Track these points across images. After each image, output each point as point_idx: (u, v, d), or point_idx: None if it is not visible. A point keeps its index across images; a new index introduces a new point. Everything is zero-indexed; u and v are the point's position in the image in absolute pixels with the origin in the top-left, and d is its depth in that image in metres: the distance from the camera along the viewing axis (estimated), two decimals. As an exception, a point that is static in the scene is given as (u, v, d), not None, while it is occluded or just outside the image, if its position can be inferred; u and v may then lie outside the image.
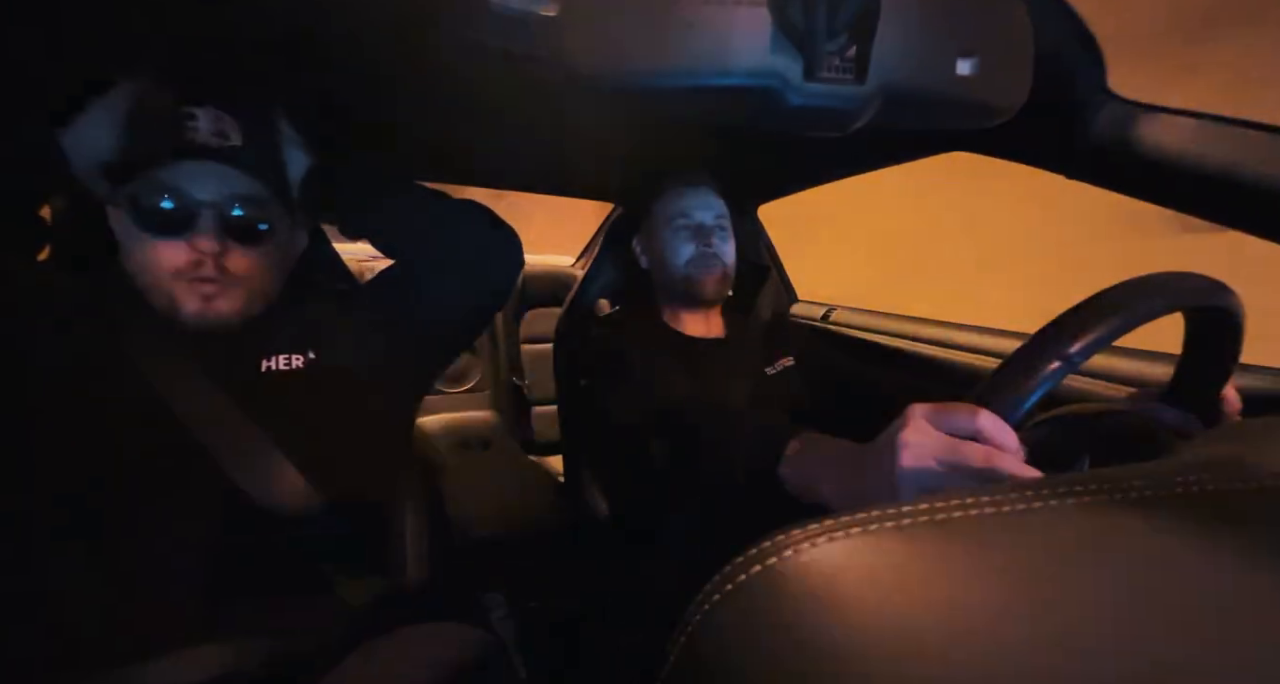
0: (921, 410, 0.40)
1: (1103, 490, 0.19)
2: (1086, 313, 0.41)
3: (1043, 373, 0.40)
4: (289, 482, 0.61)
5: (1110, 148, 0.55)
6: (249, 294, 0.64)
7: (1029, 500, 0.18)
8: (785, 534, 0.18)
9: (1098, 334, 0.40)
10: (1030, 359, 0.41)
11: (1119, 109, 0.54)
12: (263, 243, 0.63)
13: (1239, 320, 0.44)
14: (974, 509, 0.18)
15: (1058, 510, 0.18)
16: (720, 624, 0.17)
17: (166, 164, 0.58)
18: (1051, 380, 0.40)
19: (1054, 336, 0.41)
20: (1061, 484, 0.19)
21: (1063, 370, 0.40)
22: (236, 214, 0.60)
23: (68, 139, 0.57)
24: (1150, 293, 0.40)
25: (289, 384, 0.65)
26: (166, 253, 0.58)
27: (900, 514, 0.18)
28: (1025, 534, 0.17)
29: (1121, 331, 0.40)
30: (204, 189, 0.59)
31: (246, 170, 0.60)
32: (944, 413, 0.39)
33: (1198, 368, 0.49)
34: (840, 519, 0.18)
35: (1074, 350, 0.40)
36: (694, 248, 0.93)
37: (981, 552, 0.17)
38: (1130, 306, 0.40)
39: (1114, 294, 0.41)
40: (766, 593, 0.17)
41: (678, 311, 1.00)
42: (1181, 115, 0.51)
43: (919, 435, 0.39)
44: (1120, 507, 0.18)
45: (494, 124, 0.83)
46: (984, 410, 0.38)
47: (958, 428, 0.39)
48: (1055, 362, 0.40)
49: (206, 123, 0.59)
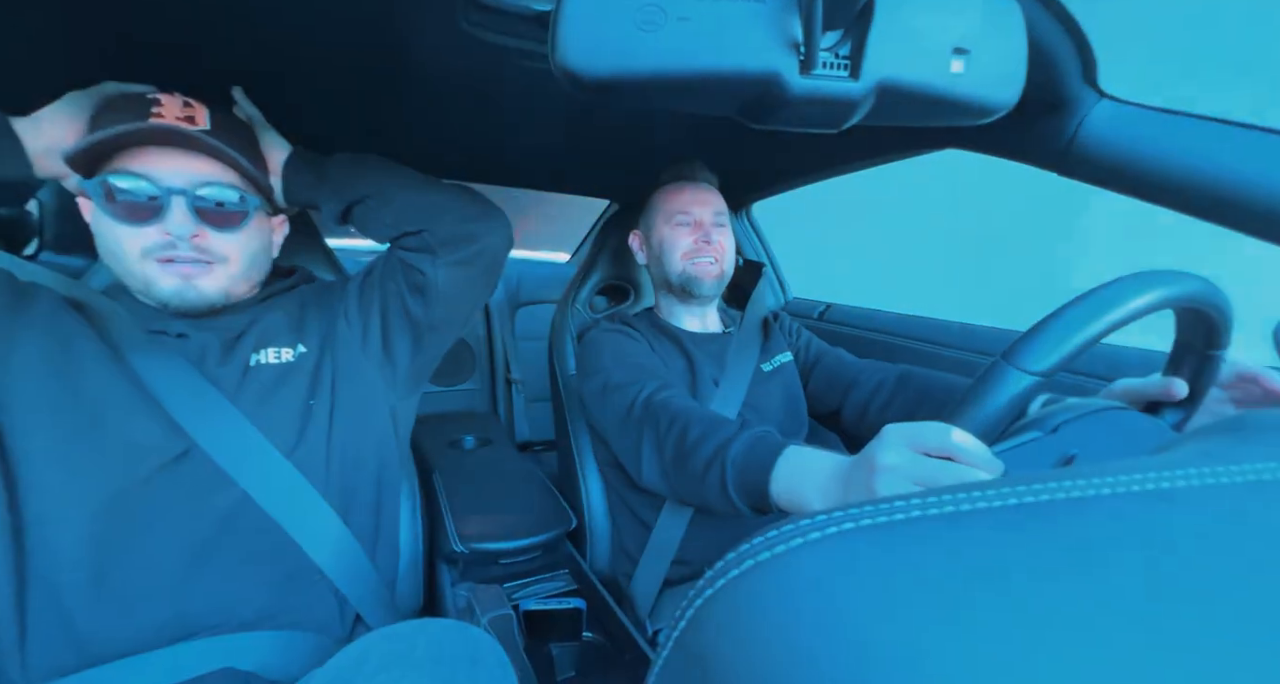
0: (896, 431, 0.42)
1: (1086, 486, 0.19)
2: (1053, 328, 0.41)
3: (1013, 390, 0.41)
4: (282, 477, 0.60)
5: (1103, 146, 0.55)
6: (230, 276, 0.63)
7: (1020, 495, 0.18)
8: (778, 530, 0.18)
9: (1063, 351, 0.40)
10: (1000, 376, 0.41)
11: (1112, 108, 0.55)
12: (238, 227, 0.62)
13: (1218, 310, 0.44)
14: (949, 506, 0.18)
15: (1040, 507, 0.18)
16: (709, 623, 0.17)
17: (134, 151, 0.57)
18: (1022, 395, 0.41)
19: (1024, 350, 0.41)
20: (1036, 480, 0.19)
21: (1032, 385, 0.40)
22: (207, 199, 0.59)
23: (26, 127, 0.56)
24: (1121, 299, 0.41)
25: (277, 378, 0.64)
26: (138, 238, 0.57)
27: (876, 511, 0.18)
28: (996, 532, 0.17)
29: (1089, 345, 0.40)
30: (173, 175, 0.57)
31: (216, 155, 0.59)
32: (918, 433, 0.40)
33: (1188, 353, 0.49)
34: (825, 516, 0.18)
35: (1042, 368, 0.40)
36: (691, 243, 0.93)
37: (958, 548, 0.17)
38: (1102, 316, 0.40)
39: (1086, 304, 0.41)
40: (753, 591, 0.17)
41: (675, 307, 1.00)
42: (1175, 114, 0.52)
43: (894, 457, 0.40)
44: (1096, 503, 0.18)
45: (487, 121, 0.82)
46: (956, 429, 0.39)
47: (931, 447, 0.40)
48: (1025, 378, 0.40)
49: (173, 108, 0.58)
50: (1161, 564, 0.16)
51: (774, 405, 0.94)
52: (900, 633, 0.15)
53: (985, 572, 0.16)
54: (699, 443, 0.64)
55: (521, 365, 1.93)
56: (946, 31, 0.37)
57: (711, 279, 0.94)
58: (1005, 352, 0.42)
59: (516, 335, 1.96)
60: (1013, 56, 0.40)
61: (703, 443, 0.63)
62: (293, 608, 0.60)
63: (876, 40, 0.35)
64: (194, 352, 0.61)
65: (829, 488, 0.47)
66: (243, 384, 0.62)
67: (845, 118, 0.39)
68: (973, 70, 0.38)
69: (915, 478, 0.39)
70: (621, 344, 0.89)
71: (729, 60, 0.34)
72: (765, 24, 0.34)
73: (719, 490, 0.59)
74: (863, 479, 0.42)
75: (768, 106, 0.37)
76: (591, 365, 0.92)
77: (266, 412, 0.62)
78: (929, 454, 0.39)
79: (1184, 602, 0.15)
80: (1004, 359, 0.42)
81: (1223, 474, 0.20)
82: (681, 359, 0.93)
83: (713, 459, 0.61)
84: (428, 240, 0.69)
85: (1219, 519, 0.18)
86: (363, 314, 0.72)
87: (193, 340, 0.62)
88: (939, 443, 0.39)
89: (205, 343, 0.62)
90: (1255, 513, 0.19)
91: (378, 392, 0.73)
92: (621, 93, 0.34)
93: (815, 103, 0.37)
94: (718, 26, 0.33)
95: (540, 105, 0.75)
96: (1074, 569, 0.15)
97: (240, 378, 0.62)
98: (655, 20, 0.32)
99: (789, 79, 0.35)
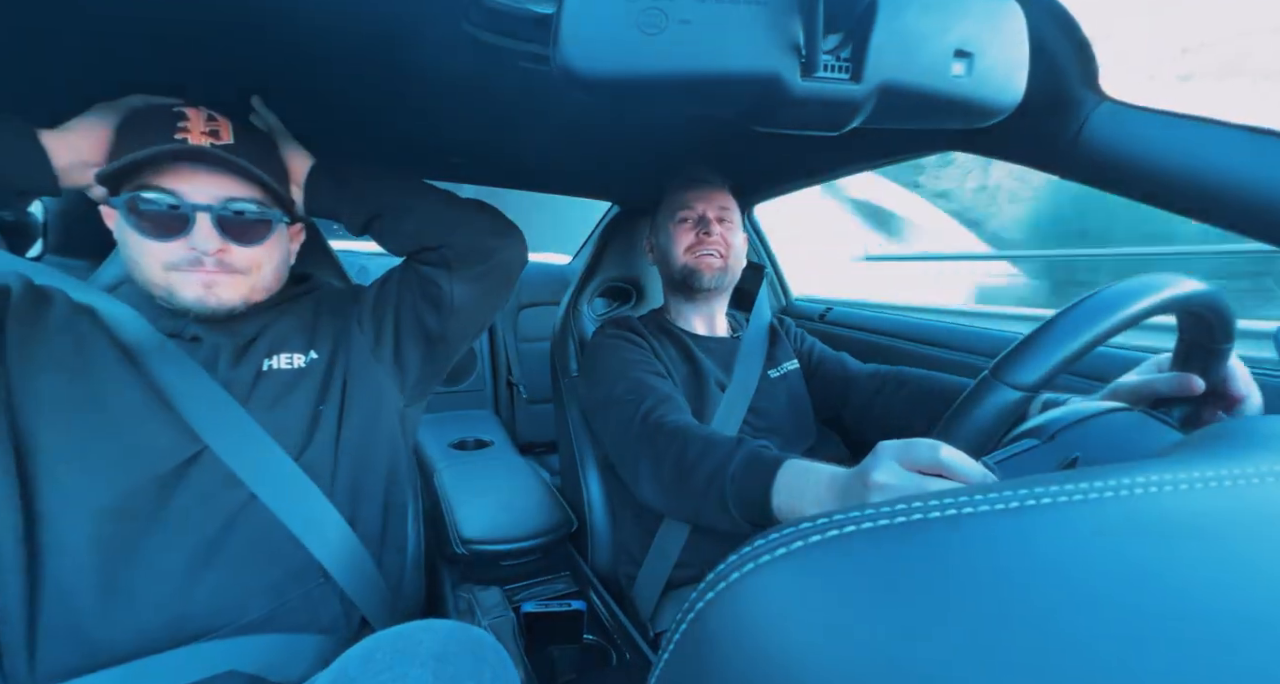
0: (889, 449, 0.43)
1: (1082, 491, 0.19)
2: (1040, 342, 0.41)
3: (1000, 405, 0.41)
4: (289, 480, 0.61)
5: (1104, 148, 0.55)
6: (251, 286, 0.64)
7: (1021, 499, 0.18)
8: (779, 533, 0.18)
9: (1050, 364, 0.40)
10: (988, 391, 0.42)
11: (1114, 109, 0.55)
12: (261, 240, 0.63)
13: (1216, 304, 0.44)
14: (950, 510, 0.18)
15: (1043, 510, 0.18)
16: (710, 626, 0.17)
17: (160, 167, 0.58)
18: (1011, 409, 0.41)
19: (1009, 367, 0.41)
20: (1023, 486, 0.19)
21: (1020, 400, 0.41)
22: (233, 214, 0.60)
23: (54, 139, 0.57)
24: (1108, 310, 0.41)
25: (289, 383, 0.65)
26: (163, 252, 0.58)
27: (878, 514, 0.18)
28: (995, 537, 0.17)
29: (1077, 358, 0.40)
30: (199, 191, 0.58)
31: (241, 170, 0.60)
32: (908, 450, 0.42)
33: (1194, 348, 0.49)
34: (826, 519, 0.18)
35: (1030, 381, 0.40)
36: (693, 237, 0.93)
37: (947, 555, 0.17)
38: (1090, 329, 0.40)
39: (1066, 321, 0.41)
40: (753, 595, 0.17)
41: (682, 307, 1.00)
42: (1176, 117, 0.52)
43: (887, 475, 0.41)
44: (1097, 507, 0.18)
45: (489, 123, 0.82)
46: (945, 446, 0.40)
47: (922, 464, 0.41)
48: (1013, 393, 0.41)
49: (198, 123, 0.59)
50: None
51: (780, 412, 0.94)
52: (904, 635, 0.15)
53: (986, 574, 0.16)
54: (698, 461, 0.64)
55: (523, 367, 1.94)
56: (948, 34, 0.37)
57: (712, 271, 0.93)
58: (994, 367, 0.42)
59: (519, 337, 1.96)
60: (1014, 59, 0.40)
61: (701, 461, 0.63)
62: (298, 610, 0.60)
63: (878, 43, 0.35)
64: (207, 355, 0.62)
65: (826, 501, 0.48)
66: (254, 389, 0.63)
67: (846, 120, 0.39)
68: (974, 73, 0.38)
69: (907, 494, 0.39)
70: (624, 353, 0.89)
71: (730, 63, 0.34)
72: (766, 26, 0.34)
73: (719, 507, 0.60)
74: (858, 494, 0.43)
75: (769, 108, 0.37)
76: (594, 375, 0.92)
77: (276, 416, 0.62)
78: (921, 471, 0.40)
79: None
80: (992, 375, 0.42)
81: (1226, 479, 0.20)
82: (686, 364, 0.93)
83: (712, 476, 0.61)
84: (445, 255, 0.70)
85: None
86: (376, 322, 0.73)
87: (205, 343, 0.62)
88: (929, 459, 0.40)
89: (218, 346, 0.63)
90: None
91: (387, 396, 0.73)
92: (623, 95, 0.34)
93: (816, 105, 0.37)
94: (719, 29, 0.33)
95: (542, 107, 0.75)
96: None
97: (252, 382, 0.63)
98: (657, 23, 0.32)
99: (790, 81, 0.35)
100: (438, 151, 0.98)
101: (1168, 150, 0.51)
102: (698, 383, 0.91)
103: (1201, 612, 0.15)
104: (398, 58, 0.61)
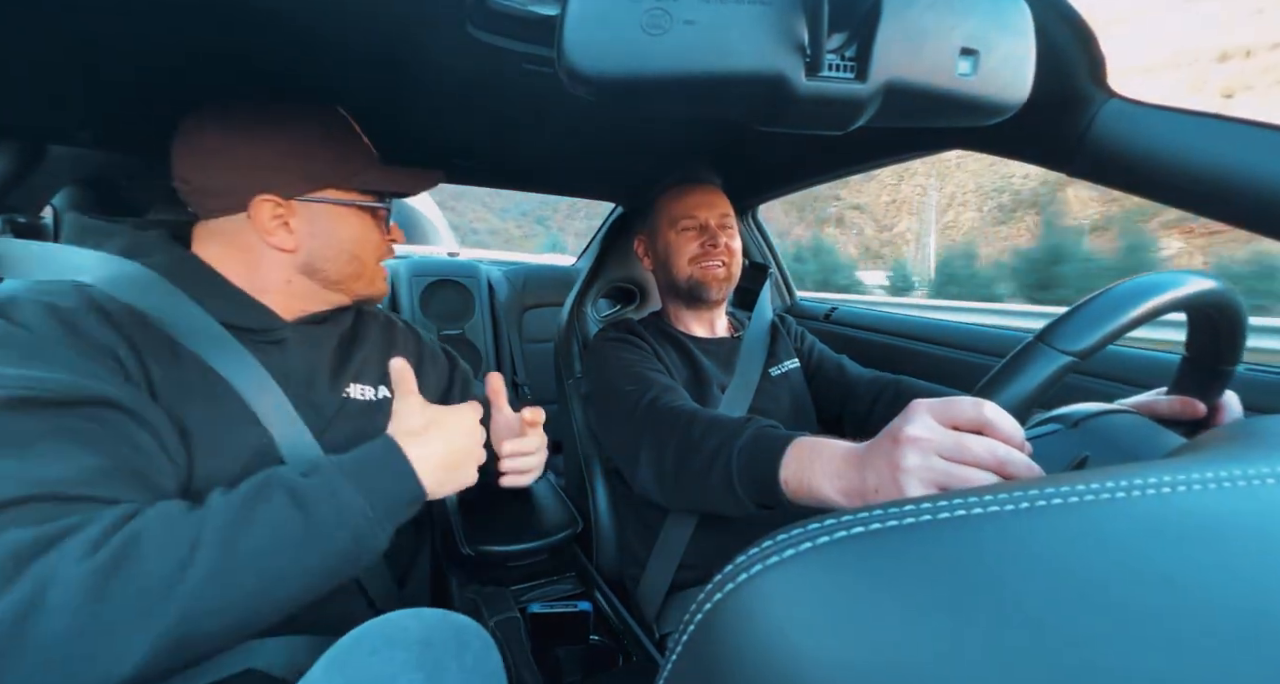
0: (925, 405, 0.40)
1: (1104, 490, 0.18)
2: (1092, 309, 0.41)
3: (1047, 368, 0.40)
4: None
5: (1111, 146, 0.55)
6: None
7: (1032, 499, 0.18)
8: (786, 534, 0.18)
9: (1102, 332, 0.40)
10: (1035, 354, 0.41)
11: (1122, 107, 0.54)
12: None
13: (1241, 320, 0.44)
14: (960, 510, 0.18)
15: (1055, 510, 0.18)
16: (717, 628, 0.17)
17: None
18: (1056, 375, 0.40)
19: (1059, 332, 0.41)
20: (1049, 484, 0.19)
21: (1066, 365, 0.40)
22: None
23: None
24: (1154, 291, 0.41)
25: (363, 413, 0.67)
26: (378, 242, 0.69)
27: (886, 515, 0.18)
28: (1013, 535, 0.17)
29: (1125, 330, 0.40)
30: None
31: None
32: (948, 406, 0.39)
33: (1200, 368, 0.49)
34: (835, 520, 0.18)
35: (1080, 347, 0.40)
36: (698, 248, 0.92)
37: (957, 556, 0.17)
38: (1133, 304, 0.40)
39: (1118, 292, 0.41)
40: (761, 597, 0.17)
41: (681, 312, 1.00)
42: (1183, 114, 0.51)
43: (923, 430, 0.39)
44: (1112, 507, 0.18)
45: (494, 124, 0.83)
46: (988, 402, 0.39)
47: (962, 420, 0.39)
48: (1061, 357, 0.40)
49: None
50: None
51: (781, 410, 0.93)
52: (915, 637, 0.15)
53: (997, 575, 0.16)
54: (702, 439, 0.63)
55: (528, 368, 1.94)
56: (954, 32, 0.37)
57: (719, 284, 0.93)
58: (1041, 332, 0.42)
59: (524, 337, 1.96)
60: (1021, 56, 0.39)
61: (706, 438, 0.62)
62: (327, 615, 0.59)
63: (883, 42, 0.35)
64: (294, 376, 0.61)
65: (843, 471, 0.46)
66: (333, 412, 0.64)
67: (852, 119, 0.39)
68: (981, 71, 0.38)
69: (945, 451, 0.38)
70: (626, 355, 0.89)
71: (735, 63, 0.34)
72: (771, 26, 0.34)
73: (724, 486, 0.59)
74: (884, 454, 0.41)
75: (774, 109, 0.37)
76: (595, 375, 0.92)
77: (346, 442, 0.60)
78: (959, 428, 0.39)
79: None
80: (1039, 340, 0.41)
81: (1225, 479, 0.20)
82: (688, 368, 0.93)
83: (717, 453, 0.60)
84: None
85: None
86: (437, 384, 0.80)
87: (295, 365, 0.62)
88: (973, 415, 0.38)
89: (307, 368, 0.63)
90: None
91: None
92: (627, 96, 0.34)
93: (822, 104, 0.36)
94: (723, 29, 0.33)
95: (545, 109, 0.75)
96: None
97: (333, 406, 0.64)
98: (661, 23, 0.32)
99: (795, 81, 0.35)
100: (442, 153, 0.98)
101: (1176, 147, 0.51)
102: (699, 386, 0.90)
103: (1213, 613, 0.15)
104: (402, 59, 0.61)
